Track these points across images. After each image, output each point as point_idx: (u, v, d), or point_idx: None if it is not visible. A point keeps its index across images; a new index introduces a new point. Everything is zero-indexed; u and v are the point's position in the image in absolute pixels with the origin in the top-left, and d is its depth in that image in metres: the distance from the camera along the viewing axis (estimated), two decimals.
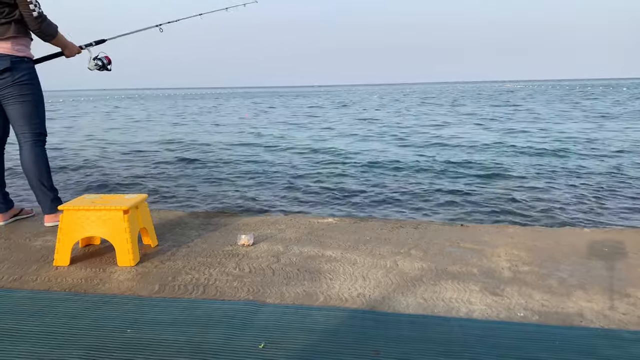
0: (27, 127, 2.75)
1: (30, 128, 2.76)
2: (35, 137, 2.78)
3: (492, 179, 6.61)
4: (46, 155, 2.83)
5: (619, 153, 8.54)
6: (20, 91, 2.68)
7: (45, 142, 2.84)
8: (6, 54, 2.60)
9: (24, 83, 2.68)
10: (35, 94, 2.76)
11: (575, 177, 6.56)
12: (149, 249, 2.43)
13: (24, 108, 2.72)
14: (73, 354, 1.45)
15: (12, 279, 2.05)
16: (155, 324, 1.63)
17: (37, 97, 2.78)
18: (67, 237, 2.20)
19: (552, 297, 1.83)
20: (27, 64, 2.71)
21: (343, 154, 9.14)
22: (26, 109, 2.73)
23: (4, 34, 2.58)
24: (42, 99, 2.82)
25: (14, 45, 2.62)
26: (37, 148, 2.78)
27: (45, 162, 2.81)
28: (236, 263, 2.21)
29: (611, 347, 1.49)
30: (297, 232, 2.68)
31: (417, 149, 9.69)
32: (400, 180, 6.63)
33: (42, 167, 2.79)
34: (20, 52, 2.66)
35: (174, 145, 11.04)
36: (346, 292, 1.90)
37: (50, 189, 2.81)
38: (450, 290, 1.91)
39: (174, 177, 7.08)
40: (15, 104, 2.69)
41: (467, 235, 2.58)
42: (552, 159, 8.13)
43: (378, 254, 2.31)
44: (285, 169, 7.58)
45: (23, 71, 2.68)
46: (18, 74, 2.65)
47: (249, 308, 1.75)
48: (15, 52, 2.63)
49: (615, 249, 2.34)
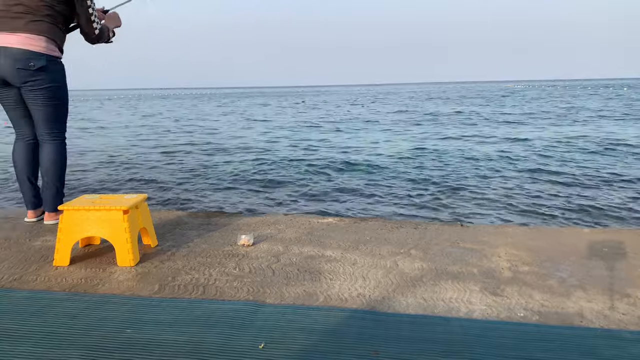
0: (55, 127, 2.76)
1: (58, 127, 2.78)
2: (61, 136, 2.81)
3: (492, 179, 6.61)
4: (66, 156, 2.86)
5: (619, 153, 8.54)
6: (53, 94, 2.68)
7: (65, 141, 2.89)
8: (41, 53, 2.57)
9: (56, 85, 2.69)
10: (65, 95, 2.79)
11: (575, 177, 6.56)
12: (149, 249, 2.43)
13: (55, 110, 2.73)
14: (73, 354, 1.45)
15: (12, 279, 2.04)
16: (155, 324, 1.63)
17: (66, 99, 2.81)
18: (67, 237, 2.20)
19: (552, 297, 1.83)
20: (60, 65, 2.72)
21: (344, 154, 9.14)
22: (57, 111, 2.74)
23: (42, 32, 2.56)
24: (68, 99, 2.85)
25: (48, 43, 2.60)
26: (61, 148, 2.81)
27: (65, 162, 2.85)
28: (236, 263, 2.21)
29: (611, 347, 1.49)
30: (297, 232, 2.68)
31: (417, 149, 9.69)
32: (400, 180, 6.63)
33: (63, 167, 2.82)
34: (54, 52, 2.65)
35: (173, 145, 11.04)
36: (346, 292, 1.90)
37: (63, 186, 2.84)
38: (450, 290, 1.91)
39: (174, 177, 7.08)
40: (46, 105, 2.68)
41: (467, 235, 2.58)
42: (552, 159, 8.13)
43: (378, 254, 2.31)
44: (285, 169, 7.58)
45: (57, 73, 2.68)
46: (52, 76, 2.65)
47: (249, 308, 1.75)
48: (50, 52, 2.61)
49: (615, 249, 2.34)
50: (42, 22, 2.56)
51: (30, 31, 2.53)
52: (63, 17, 2.66)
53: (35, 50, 2.54)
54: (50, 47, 2.61)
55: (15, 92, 2.67)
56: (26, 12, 2.53)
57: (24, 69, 2.54)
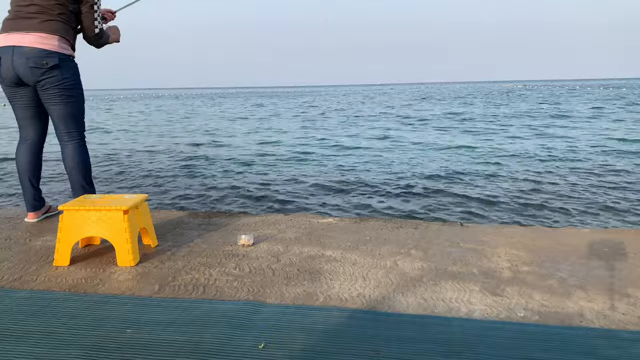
0: (73, 126, 2.77)
1: (76, 127, 2.78)
2: (80, 135, 2.82)
3: (492, 179, 6.61)
4: (89, 154, 2.87)
5: (618, 153, 8.54)
6: (68, 92, 2.69)
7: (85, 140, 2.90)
8: (54, 51, 2.58)
9: (71, 83, 2.69)
10: (80, 94, 2.79)
11: (575, 177, 6.56)
12: (149, 249, 2.43)
13: (70, 108, 2.73)
14: (73, 354, 1.45)
15: (12, 279, 2.04)
16: (155, 324, 1.63)
17: (81, 97, 2.81)
18: (67, 237, 2.20)
19: (552, 297, 1.83)
20: (73, 63, 2.72)
21: (344, 153, 9.14)
22: (72, 109, 2.74)
23: (55, 31, 2.57)
24: (84, 97, 2.85)
25: (61, 42, 2.61)
26: (81, 147, 2.82)
27: (89, 160, 2.86)
28: (236, 263, 2.21)
29: (611, 347, 1.49)
30: (297, 232, 2.68)
31: (415, 149, 9.69)
32: (400, 180, 6.63)
33: (87, 166, 2.83)
34: (67, 51, 2.66)
35: (173, 145, 11.04)
36: (346, 292, 1.90)
37: (91, 186, 2.86)
38: (450, 290, 1.91)
39: (174, 177, 7.08)
40: (62, 103, 2.69)
41: (467, 235, 2.58)
42: (552, 159, 8.13)
43: (378, 254, 2.31)
44: (285, 169, 7.58)
45: (70, 70, 2.69)
46: (66, 74, 2.65)
47: (249, 308, 1.75)
48: (62, 50, 2.62)
49: (615, 249, 2.34)
50: (55, 22, 2.58)
51: (43, 30, 2.55)
52: (75, 16, 2.68)
53: (49, 49, 2.56)
54: (63, 45, 2.63)
55: (29, 92, 2.68)
56: (39, 12, 2.55)
57: (38, 67, 2.56)
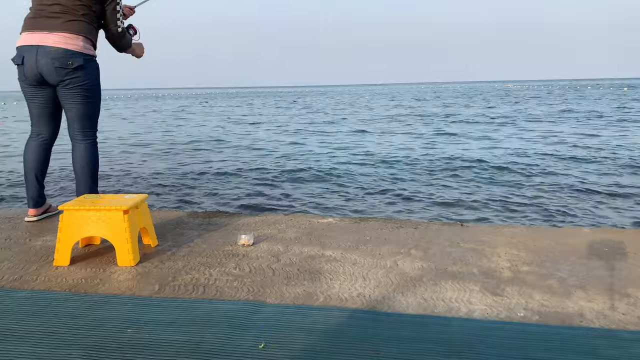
0: (88, 126, 2.78)
1: (91, 126, 2.80)
2: (94, 135, 2.83)
3: (493, 179, 6.61)
4: (98, 156, 2.89)
5: (618, 153, 8.55)
6: (89, 92, 2.70)
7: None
8: (79, 52, 2.59)
9: (92, 84, 2.71)
10: (99, 95, 2.81)
11: (575, 177, 6.57)
12: (149, 249, 2.43)
13: (89, 108, 2.75)
14: (73, 354, 1.45)
15: (12, 279, 2.05)
16: (155, 324, 1.63)
17: (99, 98, 2.82)
18: (67, 237, 2.20)
19: (552, 297, 1.83)
20: (96, 64, 2.74)
21: (345, 154, 9.15)
22: (90, 109, 2.76)
23: (79, 31, 2.58)
24: (101, 98, 2.87)
25: (85, 42, 2.62)
26: (93, 147, 2.83)
27: (97, 162, 2.88)
28: (236, 263, 2.21)
29: (611, 347, 1.49)
30: (297, 232, 2.68)
31: (415, 149, 9.70)
32: (400, 180, 6.63)
33: (97, 166, 2.85)
34: (90, 51, 2.67)
35: (173, 145, 11.05)
36: (346, 292, 1.90)
37: (96, 186, 2.88)
38: (450, 290, 1.91)
39: (174, 177, 7.08)
40: (82, 103, 2.70)
41: (467, 235, 2.58)
42: (552, 159, 8.14)
43: (378, 254, 2.31)
44: (284, 169, 7.58)
45: (94, 71, 2.70)
46: (89, 75, 2.67)
47: (249, 308, 1.75)
48: (86, 51, 2.63)
49: (615, 249, 2.34)
50: (79, 22, 2.59)
51: (67, 30, 2.56)
52: (97, 17, 2.69)
53: (73, 49, 2.57)
54: (87, 45, 2.64)
55: (49, 91, 2.70)
56: (63, 12, 2.57)
57: (62, 67, 2.57)
